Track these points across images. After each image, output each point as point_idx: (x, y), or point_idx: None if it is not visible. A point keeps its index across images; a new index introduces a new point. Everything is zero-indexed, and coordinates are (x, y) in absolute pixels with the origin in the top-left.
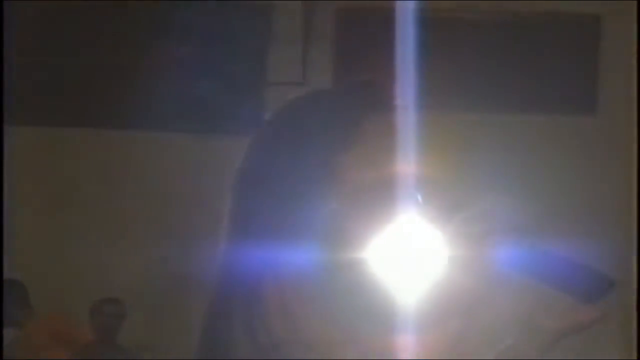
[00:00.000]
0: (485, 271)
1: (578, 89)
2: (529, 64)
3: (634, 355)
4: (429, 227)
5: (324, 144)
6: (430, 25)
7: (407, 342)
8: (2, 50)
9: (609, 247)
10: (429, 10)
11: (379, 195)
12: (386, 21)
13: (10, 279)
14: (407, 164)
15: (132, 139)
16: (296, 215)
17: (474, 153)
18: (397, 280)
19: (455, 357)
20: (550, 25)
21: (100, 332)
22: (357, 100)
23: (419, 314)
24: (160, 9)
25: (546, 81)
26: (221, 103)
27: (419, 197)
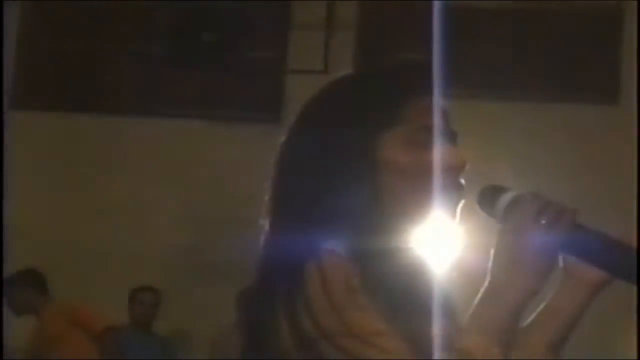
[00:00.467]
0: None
1: (601, 78)
2: (553, 54)
3: (634, 356)
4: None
5: (366, 124)
6: (454, 16)
7: (447, 331)
8: (2, 43)
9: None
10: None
11: (420, 177)
12: (409, 10)
13: (29, 268)
14: (448, 145)
15: (154, 126)
16: (337, 196)
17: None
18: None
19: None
20: (573, 16)
21: (136, 319)
22: (399, 82)
23: (460, 303)
24: None
25: (569, 71)
26: (242, 91)
27: (462, 180)
